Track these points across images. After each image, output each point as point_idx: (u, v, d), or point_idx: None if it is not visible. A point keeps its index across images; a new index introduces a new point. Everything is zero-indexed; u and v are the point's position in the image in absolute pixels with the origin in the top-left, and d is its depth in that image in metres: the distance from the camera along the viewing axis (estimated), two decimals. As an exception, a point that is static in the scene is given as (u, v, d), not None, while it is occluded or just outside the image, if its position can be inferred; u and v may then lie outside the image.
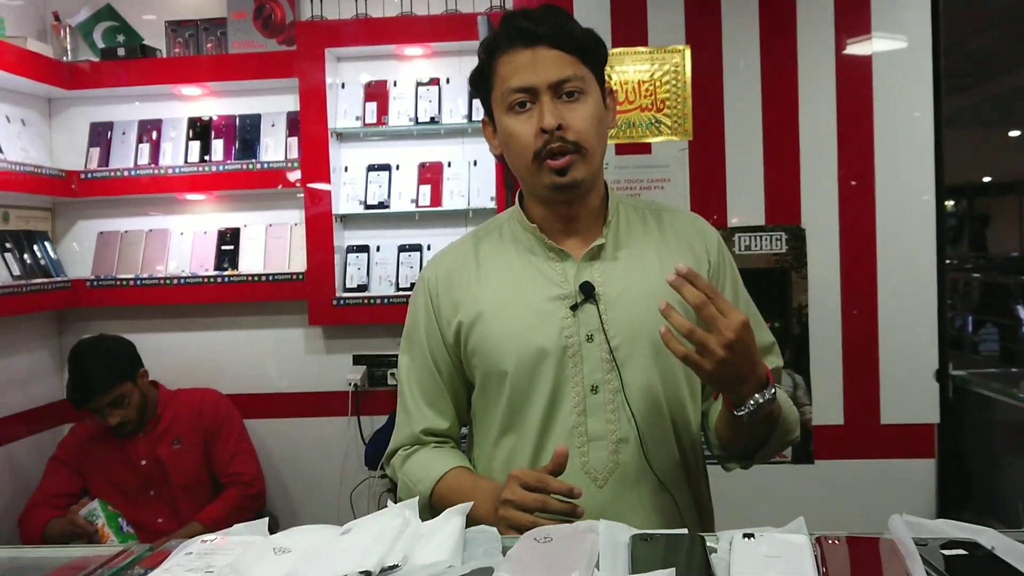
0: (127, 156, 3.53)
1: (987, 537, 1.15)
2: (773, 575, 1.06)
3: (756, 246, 2.62)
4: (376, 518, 1.25)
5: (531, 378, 1.46)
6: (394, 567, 1.10)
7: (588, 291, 1.45)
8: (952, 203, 14.55)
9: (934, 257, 2.61)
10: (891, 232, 2.61)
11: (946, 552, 1.11)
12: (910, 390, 2.61)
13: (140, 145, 3.55)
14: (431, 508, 1.47)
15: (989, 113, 9.92)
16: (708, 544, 1.18)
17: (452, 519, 1.24)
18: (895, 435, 2.62)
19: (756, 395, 1.31)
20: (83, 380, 2.92)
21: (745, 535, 1.18)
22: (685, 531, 1.23)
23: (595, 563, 1.11)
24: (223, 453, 3.11)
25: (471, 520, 1.33)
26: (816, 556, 1.12)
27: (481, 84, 1.49)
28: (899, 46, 2.62)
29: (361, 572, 1.06)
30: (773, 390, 1.33)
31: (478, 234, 1.60)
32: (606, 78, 1.50)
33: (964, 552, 1.11)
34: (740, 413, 1.32)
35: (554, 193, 1.44)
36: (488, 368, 1.49)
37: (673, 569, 1.02)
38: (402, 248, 3.46)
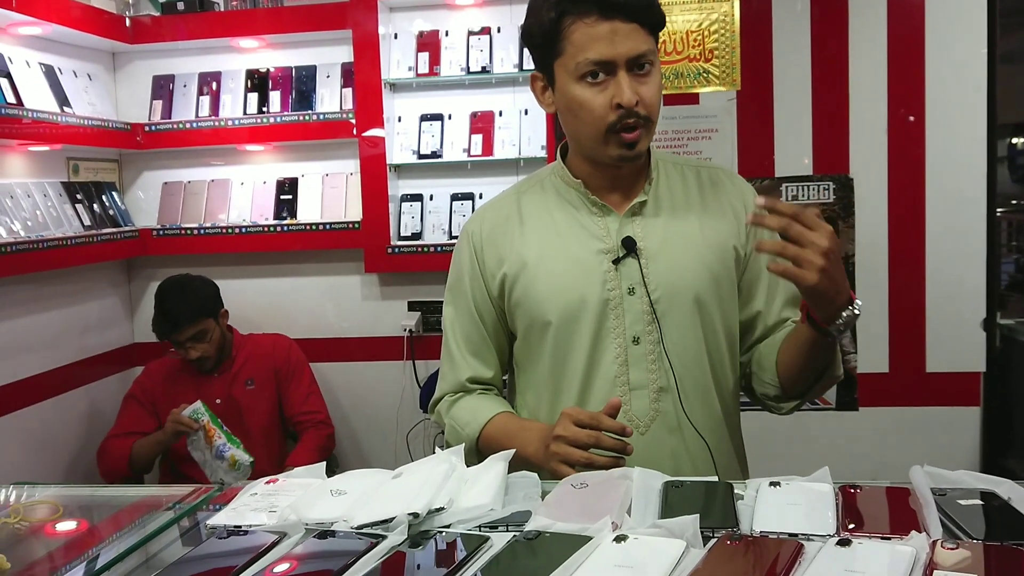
0: (188, 108, 3.64)
1: (1005, 488, 1.20)
2: (792, 521, 1.12)
3: (804, 196, 2.64)
4: (425, 463, 1.34)
5: (574, 329, 1.51)
6: (440, 509, 1.19)
7: (630, 245, 1.49)
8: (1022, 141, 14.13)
9: (984, 206, 2.59)
10: (941, 180, 2.60)
11: (962, 502, 1.16)
12: (957, 338, 2.63)
13: (200, 97, 3.65)
14: (478, 452, 1.54)
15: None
16: (736, 491, 1.25)
17: (495, 465, 1.33)
18: (940, 383, 2.64)
19: (849, 307, 1.35)
20: (169, 312, 3.08)
21: (772, 483, 1.25)
22: (715, 479, 1.30)
23: (628, 508, 1.19)
24: (296, 395, 3.25)
25: (521, 461, 1.43)
26: (837, 504, 1.19)
27: (545, 44, 1.46)
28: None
29: (410, 514, 1.16)
30: (860, 303, 1.37)
31: (520, 188, 1.64)
32: None
33: (980, 502, 1.16)
34: (838, 322, 1.35)
35: (619, 162, 1.48)
36: (532, 319, 1.55)
37: (697, 515, 1.09)
38: (455, 197, 3.52)
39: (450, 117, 3.51)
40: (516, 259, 1.55)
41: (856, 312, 1.36)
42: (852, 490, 1.23)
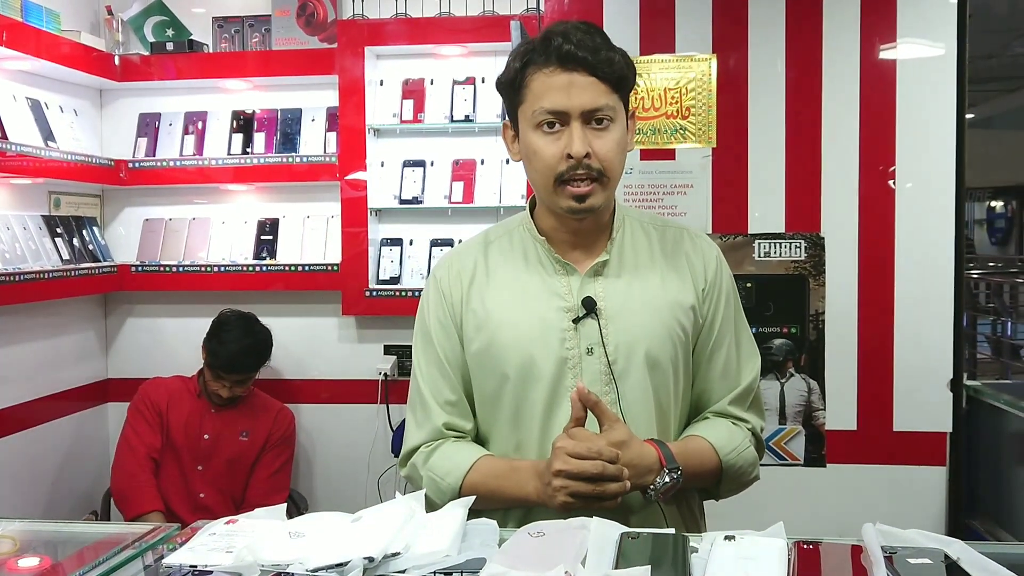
0: (173, 146, 3.67)
1: (955, 548, 1.22)
2: (744, 576, 1.13)
3: (776, 253, 2.68)
4: (384, 508, 1.35)
5: (531, 385, 1.52)
6: (396, 554, 1.19)
7: (590, 306, 1.50)
8: (1000, 203, 14.36)
9: (952, 268, 2.64)
10: (910, 241, 2.65)
11: (912, 561, 1.18)
12: (924, 398, 2.65)
13: (186, 136, 3.68)
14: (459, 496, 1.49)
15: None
16: (692, 544, 1.27)
17: (454, 511, 1.34)
18: (907, 442, 2.66)
19: (649, 487, 1.44)
20: (230, 352, 3.16)
21: (726, 537, 1.26)
22: (672, 531, 1.31)
23: (583, 558, 1.20)
24: (267, 470, 3.26)
25: (516, 503, 1.45)
26: (790, 560, 1.20)
27: (510, 92, 1.51)
28: (925, 53, 2.65)
29: (365, 558, 1.16)
30: (668, 478, 1.44)
31: (489, 237, 1.64)
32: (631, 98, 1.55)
33: (928, 562, 1.18)
34: (648, 494, 1.45)
35: (570, 214, 1.50)
36: (490, 372, 1.55)
37: (648, 567, 1.10)
38: (434, 242, 3.55)
39: (432, 164, 3.56)
40: (480, 310, 1.55)
41: (665, 481, 1.43)
42: (806, 546, 1.25)
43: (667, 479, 1.44)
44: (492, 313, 1.55)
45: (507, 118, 1.57)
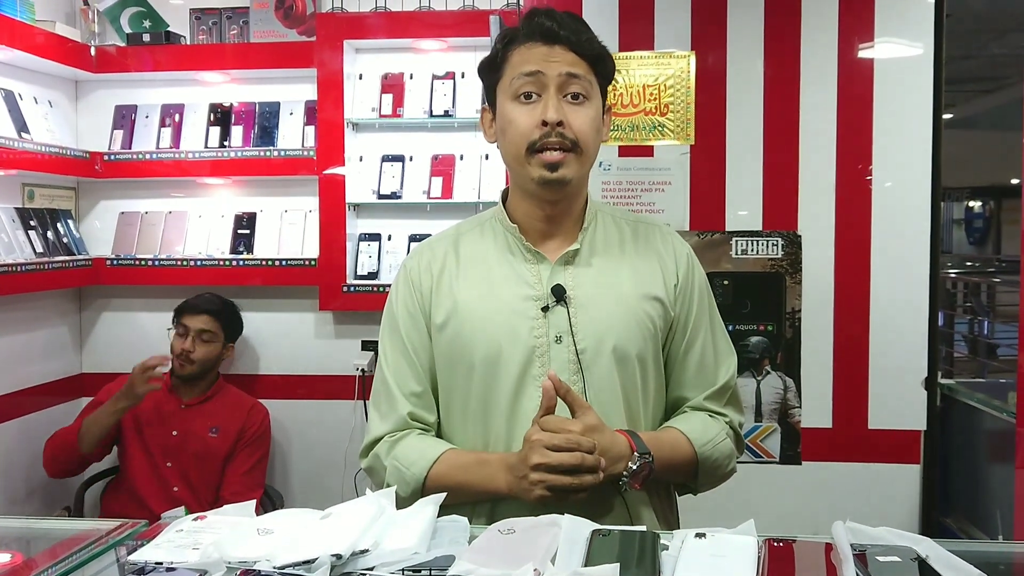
0: (149, 139, 3.64)
1: (924, 546, 1.22)
2: (714, 573, 1.13)
3: (753, 250, 2.68)
4: (354, 504, 1.34)
5: (498, 372, 1.51)
6: (364, 551, 1.18)
7: (559, 294, 1.51)
8: (979, 204, 14.48)
9: (927, 267, 2.65)
10: (886, 241, 2.66)
11: (881, 558, 1.18)
12: (898, 396, 2.66)
13: (162, 129, 3.65)
14: (423, 494, 1.47)
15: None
16: (662, 541, 1.26)
17: (425, 508, 1.33)
18: (882, 440, 2.67)
19: (623, 472, 1.43)
20: (201, 297, 3.30)
21: (697, 534, 1.26)
22: (643, 528, 1.31)
23: (553, 556, 1.20)
24: (241, 464, 3.22)
25: (484, 496, 1.45)
26: (760, 558, 1.20)
27: (491, 72, 1.54)
28: (902, 53, 2.66)
29: (333, 555, 1.15)
30: (635, 464, 1.43)
31: (460, 228, 1.65)
32: (608, 93, 1.58)
33: (898, 560, 1.18)
34: (622, 481, 1.44)
35: (540, 188, 1.50)
36: (458, 359, 1.55)
37: (618, 564, 1.09)
38: (413, 238, 3.54)
39: (411, 159, 3.54)
40: (449, 300, 1.55)
41: (635, 468, 1.43)
42: (776, 544, 1.25)
43: (638, 464, 1.43)
44: (460, 304, 1.54)
45: (486, 103, 1.59)
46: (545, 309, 1.51)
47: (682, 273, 1.60)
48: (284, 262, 3.52)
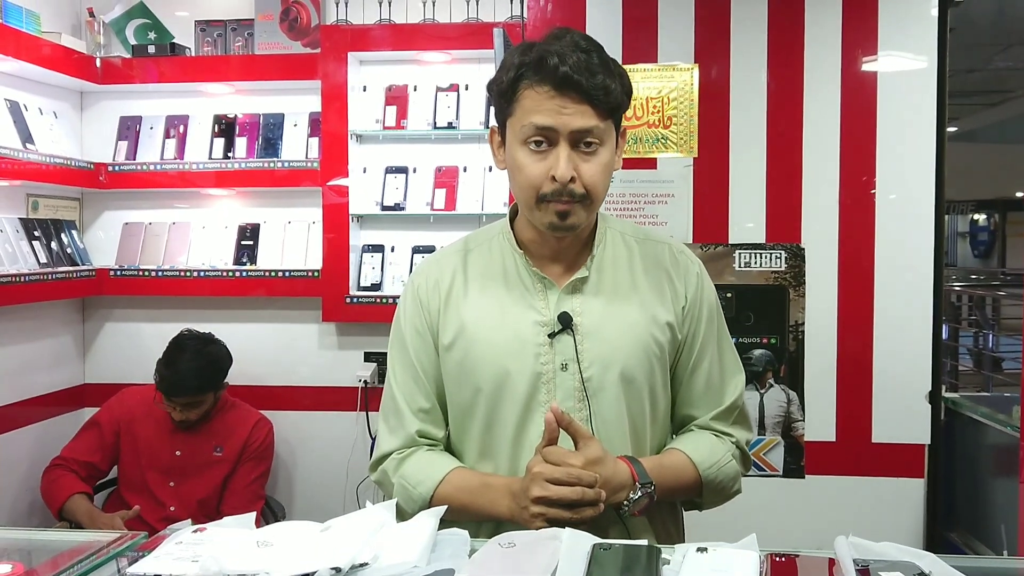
0: (154, 150, 3.65)
1: (927, 562, 1.21)
2: (715, 589, 1.12)
3: (756, 263, 2.68)
4: (354, 517, 1.33)
5: (504, 397, 1.50)
6: (364, 565, 1.18)
7: (566, 321, 1.49)
8: (983, 216, 14.46)
9: (931, 279, 2.64)
10: (890, 253, 2.65)
11: (884, 574, 1.17)
12: (902, 410, 2.65)
13: (167, 140, 3.66)
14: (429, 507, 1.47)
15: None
16: (664, 556, 1.25)
17: (426, 521, 1.32)
18: (885, 454, 2.66)
19: (624, 502, 1.43)
20: (176, 374, 3.04)
21: (699, 549, 1.25)
22: (645, 542, 1.30)
23: (554, 570, 1.19)
24: (242, 479, 3.19)
25: (487, 519, 1.44)
26: (763, 573, 1.19)
27: (501, 102, 1.48)
28: (906, 66, 2.66)
29: (332, 568, 1.15)
30: (636, 495, 1.43)
31: (468, 244, 1.62)
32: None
33: (901, 574, 1.17)
34: (623, 510, 1.44)
35: (551, 231, 1.48)
36: (464, 383, 1.54)
37: (618, 579, 1.09)
38: (416, 249, 3.54)
39: (415, 170, 3.54)
40: (456, 321, 1.54)
41: (636, 497, 1.43)
42: (779, 559, 1.24)
43: (639, 494, 1.43)
44: (468, 326, 1.53)
45: (495, 122, 1.53)
46: (552, 336, 1.50)
47: (691, 294, 1.58)
48: (287, 273, 3.52)
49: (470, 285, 1.56)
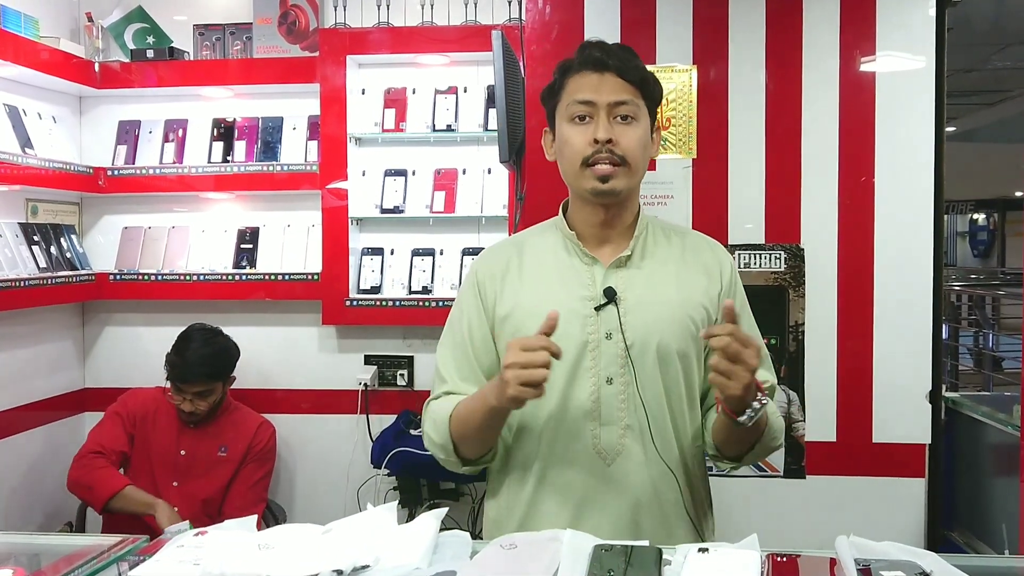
0: (153, 154, 3.65)
1: (929, 561, 1.22)
2: (716, 589, 1.13)
3: (755, 264, 2.68)
4: (356, 519, 1.34)
5: (552, 363, 1.56)
6: (365, 567, 1.18)
7: (611, 295, 1.65)
8: (982, 216, 14.48)
9: (930, 280, 2.64)
10: (889, 253, 2.65)
11: (885, 573, 1.17)
12: (903, 410, 2.64)
13: (166, 144, 3.66)
14: (450, 429, 1.65)
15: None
16: (665, 556, 1.26)
17: (428, 523, 1.33)
18: (886, 453, 2.66)
19: (754, 403, 1.50)
20: (187, 361, 3.09)
21: (700, 549, 1.26)
22: (646, 543, 1.31)
23: (555, 570, 1.19)
24: (244, 481, 3.20)
25: (487, 415, 1.57)
26: (764, 573, 1.19)
27: (550, 97, 1.72)
28: (904, 66, 2.65)
29: (334, 571, 1.15)
30: (765, 400, 1.52)
31: (524, 236, 1.82)
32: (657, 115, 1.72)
33: (903, 574, 1.17)
34: (742, 419, 1.50)
35: (594, 197, 1.65)
36: None
37: (620, 580, 1.09)
38: (415, 252, 3.54)
39: (414, 173, 3.54)
40: (512, 298, 1.70)
41: (762, 403, 1.50)
42: (780, 559, 1.24)
43: (766, 400, 1.51)
44: (523, 299, 1.69)
45: (547, 126, 1.76)
46: (598, 308, 1.65)
47: (726, 282, 1.74)
48: (287, 276, 3.53)
49: (525, 266, 1.74)
